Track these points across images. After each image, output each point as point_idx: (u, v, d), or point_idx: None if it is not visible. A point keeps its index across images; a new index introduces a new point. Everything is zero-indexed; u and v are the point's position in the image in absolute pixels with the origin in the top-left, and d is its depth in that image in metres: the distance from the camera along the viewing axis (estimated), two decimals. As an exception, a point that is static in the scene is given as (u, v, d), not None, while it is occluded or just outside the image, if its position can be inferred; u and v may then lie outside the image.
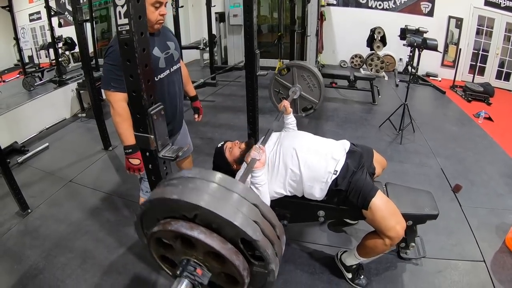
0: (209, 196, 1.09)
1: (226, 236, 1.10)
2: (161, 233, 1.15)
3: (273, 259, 1.13)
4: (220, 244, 1.07)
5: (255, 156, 1.85)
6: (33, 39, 5.83)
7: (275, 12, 8.68)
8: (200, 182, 1.14)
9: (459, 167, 3.82)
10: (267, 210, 1.17)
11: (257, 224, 1.09)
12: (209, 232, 1.08)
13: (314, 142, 2.19)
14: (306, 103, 3.57)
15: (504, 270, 2.40)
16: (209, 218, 1.08)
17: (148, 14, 1.85)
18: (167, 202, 1.12)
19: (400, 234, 1.92)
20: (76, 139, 4.75)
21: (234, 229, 1.06)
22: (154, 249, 1.26)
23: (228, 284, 1.19)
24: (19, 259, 2.56)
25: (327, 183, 2.01)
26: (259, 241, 1.07)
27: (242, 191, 1.14)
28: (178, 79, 2.25)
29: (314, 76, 3.44)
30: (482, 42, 7.52)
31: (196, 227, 1.08)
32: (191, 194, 1.09)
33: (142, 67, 1.19)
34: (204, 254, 1.12)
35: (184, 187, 1.12)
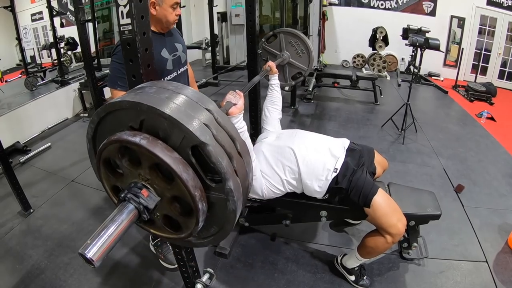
0: (154, 96, 0.97)
1: (174, 146, 0.96)
2: (107, 150, 1.01)
3: (231, 174, 0.95)
4: (164, 150, 0.92)
5: (231, 100, 1.69)
6: (35, 39, 5.83)
7: (277, 12, 8.68)
8: (149, 88, 1.03)
9: (461, 167, 3.81)
10: (225, 119, 1.02)
11: (208, 128, 0.95)
12: (152, 138, 0.94)
13: (314, 140, 2.19)
14: (295, 70, 3.47)
15: (506, 270, 2.39)
16: (154, 125, 0.96)
17: (168, 16, 1.88)
18: (112, 107, 1.02)
19: (401, 231, 1.92)
20: (78, 139, 4.75)
21: (180, 132, 0.92)
22: (105, 179, 1.12)
23: (182, 216, 1.04)
24: (21, 258, 2.56)
25: (326, 180, 2.00)
26: (208, 145, 0.91)
27: (192, 94, 1.01)
28: (185, 81, 2.26)
29: (302, 42, 3.33)
30: (485, 41, 7.49)
31: (139, 134, 0.94)
32: (135, 96, 0.98)
33: (145, 67, 1.19)
34: (151, 170, 0.98)
35: (130, 93, 1.03)
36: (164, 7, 1.84)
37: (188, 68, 2.30)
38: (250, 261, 2.49)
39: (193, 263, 1.82)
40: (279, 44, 3.41)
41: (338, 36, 8.94)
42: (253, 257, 2.53)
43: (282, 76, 3.45)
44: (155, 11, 1.84)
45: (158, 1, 1.82)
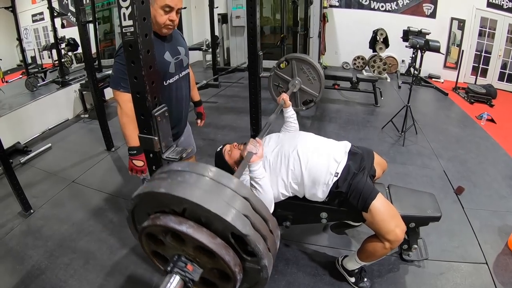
0: (197, 190, 1.05)
1: (216, 231, 1.06)
2: (151, 228, 1.12)
3: (266, 254, 1.08)
4: (209, 238, 1.03)
5: (252, 150, 1.82)
6: (36, 40, 5.84)
7: (278, 13, 8.69)
8: (189, 175, 1.10)
9: (461, 169, 3.82)
10: (258, 203, 1.12)
11: (247, 218, 1.05)
12: (197, 226, 1.04)
13: (316, 143, 2.19)
14: (306, 96, 3.51)
15: (506, 272, 2.39)
16: (197, 212, 1.05)
17: (157, 17, 1.86)
18: (156, 195, 1.09)
19: (400, 238, 1.91)
20: (79, 140, 4.77)
21: (223, 223, 1.02)
22: (145, 245, 1.23)
23: (220, 280, 1.16)
24: (21, 259, 2.57)
25: (328, 185, 2.01)
26: (249, 235, 1.03)
27: (231, 184, 1.10)
28: (186, 84, 2.26)
29: (313, 69, 3.37)
30: (485, 43, 7.50)
31: (184, 222, 1.04)
32: (178, 188, 1.06)
33: (147, 69, 1.20)
34: (194, 249, 1.09)
35: (172, 180, 1.10)
36: (155, 7, 1.82)
37: (189, 71, 2.31)
38: (250, 263, 2.48)
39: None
40: (291, 71, 3.44)
41: (339, 38, 8.95)
42: (253, 258, 2.52)
43: (293, 101, 3.49)
44: None
45: (150, 0, 1.81)
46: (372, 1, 8.33)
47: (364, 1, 8.38)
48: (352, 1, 8.49)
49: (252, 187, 1.84)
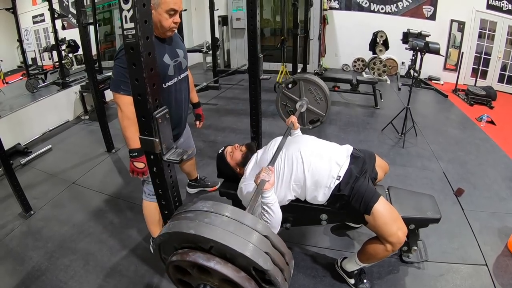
0: (222, 231, 1.19)
1: (240, 265, 1.20)
2: (180, 262, 1.26)
3: (283, 284, 1.23)
4: (235, 273, 1.18)
5: (265, 178, 1.82)
6: (37, 41, 5.85)
7: (278, 15, 8.70)
8: (214, 216, 1.24)
9: (461, 170, 3.82)
10: (277, 240, 1.26)
11: (268, 255, 1.19)
12: (224, 262, 1.19)
13: (318, 147, 2.19)
14: (313, 116, 3.56)
15: (506, 273, 2.39)
16: (223, 249, 1.18)
17: (162, 21, 1.87)
18: (185, 235, 1.23)
19: (402, 240, 1.92)
20: (79, 141, 4.77)
21: (246, 259, 1.15)
22: (172, 274, 1.37)
23: None
24: (21, 260, 2.57)
25: (330, 188, 2.01)
26: (270, 270, 1.17)
27: (252, 223, 1.25)
28: (185, 87, 2.27)
29: (320, 90, 3.43)
30: (485, 45, 7.50)
31: (212, 258, 1.19)
32: (206, 229, 1.19)
33: (148, 71, 1.20)
34: (220, 280, 1.23)
35: (199, 221, 1.23)
36: (159, 11, 1.84)
37: (188, 74, 2.32)
38: (250, 264, 2.49)
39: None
40: (299, 91, 3.47)
41: (339, 40, 8.95)
42: (253, 260, 2.52)
43: (300, 120, 3.54)
44: None
45: (155, 5, 1.82)
46: (372, 3, 8.35)
47: (364, 3, 8.39)
48: (352, 3, 8.51)
49: (263, 210, 1.86)
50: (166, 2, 1.83)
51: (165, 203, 1.59)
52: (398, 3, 8.13)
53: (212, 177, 3.34)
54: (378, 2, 8.30)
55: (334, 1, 8.64)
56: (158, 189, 1.55)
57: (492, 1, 7.14)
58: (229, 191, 2.39)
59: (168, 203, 1.58)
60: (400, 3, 8.11)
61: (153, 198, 2.17)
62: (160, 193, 1.56)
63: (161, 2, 1.82)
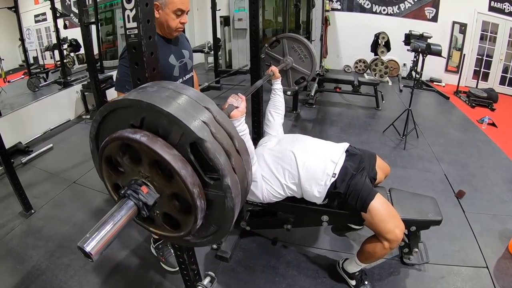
0: (154, 95, 0.99)
1: (173, 143, 0.97)
2: (109, 147, 1.03)
3: (228, 171, 0.97)
4: (163, 147, 0.94)
5: (233, 103, 1.69)
6: (38, 40, 5.86)
7: (280, 16, 8.70)
8: (150, 87, 1.05)
9: (462, 172, 3.81)
10: (223, 118, 1.03)
11: (206, 125, 0.96)
12: (153, 136, 0.95)
13: (313, 145, 2.20)
14: (299, 75, 3.47)
15: (507, 276, 2.39)
16: (154, 122, 0.98)
17: (169, 21, 1.86)
18: (114, 106, 1.04)
19: (399, 238, 1.92)
20: (81, 141, 4.76)
21: (179, 129, 0.94)
22: (107, 177, 1.14)
23: (181, 213, 1.05)
24: (22, 259, 2.57)
25: (325, 185, 2.01)
26: (206, 141, 0.93)
27: (193, 94, 1.03)
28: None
29: (305, 47, 3.31)
30: (486, 47, 7.51)
31: (139, 131, 0.96)
32: (136, 94, 1.00)
33: (150, 71, 1.20)
34: (150, 167, 0.99)
35: (132, 92, 1.06)
36: (166, 11, 1.83)
37: (193, 74, 2.31)
38: (251, 265, 2.49)
39: (194, 266, 1.82)
40: (282, 49, 3.41)
41: (340, 41, 8.96)
42: (254, 261, 2.53)
43: (285, 81, 3.44)
44: (158, 14, 1.84)
45: (162, 4, 1.81)
46: (374, 4, 8.36)
47: (366, 5, 8.40)
48: (354, 5, 8.52)
49: None
50: (173, 2, 1.82)
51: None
52: (400, 4, 8.14)
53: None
54: (380, 3, 8.31)
55: (336, 2, 8.65)
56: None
57: (494, 3, 7.14)
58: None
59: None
60: (402, 4, 8.12)
61: None
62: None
63: (168, 2, 1.81)
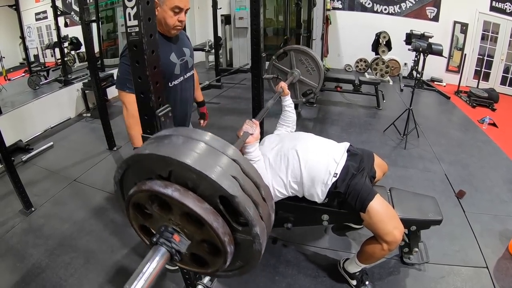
0: (182, 149, 1.00)
1: (203, 195, 1.00)
2: (137, 196, 1.06)
3: (257, 221, 1.01)
4: (195, 202, 0.97)
5: (248, 130, 1.79)
6: (39, 38, 5.85)
7: (281, 15, 8.70)
8: (176, 138, 1.06)
9: (463, 173, 3.81)
10: (249, 167, 1.05)
11: (236, 180, 0.98)
12: (184, 190, 0.98)
13: (316, 143, 2.19)
14: (306, 87, 3.47)
15: (507, 276, 2.39)
16: (183, 174, 0.99)
17: (167, 18, 1.85)
18: (141, 158, 1.06)
19: (398, 239, 1.91)
20: (81, 139, 4.77)
21: (209, 184, 0.96)
22: (133, 219, 1.16)
23: (210, 255, 1.08)
24: (22, 257, 2.57)
25: (327, 185, 2.01)
26: (237, 197, 0.95)
27: (219, 145, 1.04)
28: (191, 86, 2.26)
29: (312, 60, 3.33)
30: (487, 47, 7.49)
31: (170, 185, 0.98)
32: (164, 148, 1.01)
33: (151, 69, 1.19)
34: (181, 217, 1.02)
35: (158, 143, 1.06)
36: (164, 8, 1.82)
37: (194, 72, 2.31)
38: (250, 264, 2.48)
39: (194, 265, 1.82)
40: (290, 62, 3.42)
41: (341, 40, 8.95)
42: (254, 259, 2.52)
43: (293, 93, 3.45)
44: (156, 11, 1.83)
45: (160, 1, 1.81)
46: (375, 4, 8.34)
47: (367, 4, 8.38)
48: (355, 4, 8.50)
49: None
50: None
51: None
52: (401, 4, 8.12)
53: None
54: (381, 2, 8.29)
55: (337, 1, 8.64)
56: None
57: (495, 3, 7.12)
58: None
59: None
60: (403, 4, 8.10)
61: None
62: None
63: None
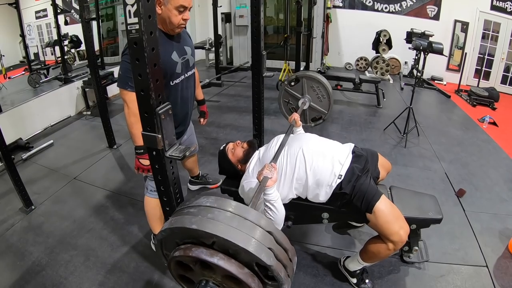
0: (225, 226, 1.17)
1: (243, 261, 1.18)
2: (182, 257, 1.24)
3: (286, 280, 1.20)
4: (238, 269, 1.16)
5: (267, 175, 1.82)
6: (39, 37, 5.85)
7: (281, 13, 8.69)
8: (218, 211, 1.22)
9: (463, 171, 3.81)
10: (280, 236, 1.24)
11: (271, 250, 1.17)
12: (227, 258, 1.17)
13: (320, 145, 2.19)
14: (315, 113, 3.55)
15: (506, 275, 2.39)
16: (226, 245, 1.16)
17: (171, 17, 1.86)
18: (187, 231, 1.21)
19: (404, 239, 1.91)
20: (81, 137, 4.77)
21: (249, 255, 1.13)
22: (173, 269, 1.35)
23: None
24: (22, 255, 2.57)
25: (331, 186, 2.01)
26: (273, 266, 1.14)
27: (255, 219, 1.22)
28: (192, 85, 2.26)
29: (323, 87, 3.41)
30: (488, 46, 7.48)
31: (215, 254, 1.17)
32: (208, 224, 1.17)
33: (151, 67, 1.19)
34: (223, 277, 1.21)
35: (202, 217, 1.21)
36: (168, 7, 1.83)
37: (195, 71, 2.31)
38: (250, 262, 2.48)
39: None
40: (301, 88, 3.47)
41: (342, 39, 8.94)
42: (254, 258, 2.52)
43: (302, 118, 3.51)
44: (160, 10, 1.84)
45: (164, 1, 1.81)
46: (375, 2, 8.33)
47: (368, 2, 8.37)
48: (356, 2, 8.49)
49: (266, 207, 1.85)
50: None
51: (167, 199, 1.59)
52: (402, 2, 8.11)
53: (214, 174, 3.34)
54: (381, 1, 8.28)
55: (338, -1, 8.63)
56: (160, 186, 1.54)
57: (496, 2, 7.11)
58: (230, 189, 2.38)
59: (170, 199, 1.58)
60: (404, 2, 8.09)
61: (155, 194, 2.16)
62: (162, 189, 1.55)
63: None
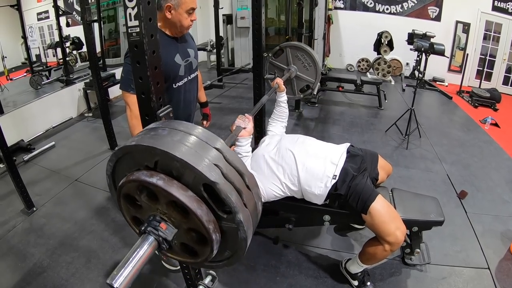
0: (166, 139, 1.05)
1: (187, 184, 1.04)
2: (126, 186, 1.11)
3: (240, 208, 1.05)
4: (179, 189, 1.02)
5: (240, 124, 1.81)
6: (41, 38, 5.87)
7: (283, 15, 8.69)
8: (161, 130, 1.11)
9: (464, 173, 3.80)
10: (233, 156, 1.09)
11: (218, 167, 1.03)
12: (168, 179, 1.03)
13: (313, 146, 2.19)
14: (303, 83, 3.49)
15: (508, 277, 2.38)
16: (168, 164, 1.04)
17: (182, 21, 1.89)
18: (128, 149, 1.11)
19: (400, 240, 1.91)
20: (82, 139, 4.78)
21: (192, 172, 1.00)
22: (125, 210, 1.21)
23: (198, 244, 1.13)
24: (23, 257, 2.57)
25: (326, 187, 2.01)
26: (218, 183, 0.99)
27: (202, 134, 1.09)
28: (194, 87, 2.26)
29: (308, 55, 3.33)
30: (490, 47, 7.47)
31: (155, 174, 1.04)
32: (149, 139, 1.06)
33: (152, 69, 1.19)
34: (167, 205, 1.07)
35: (145, 135, 1.11)
36: (179, 11, 1.85)
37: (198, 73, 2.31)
38: (252, 264, 2.49)
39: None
40: (286, 59, 3.42)
41: (343, 40, 8.94)
42: (255, 260, 2.52)
43: (290, 89, 3.46)
44: (170, 15, 1.85)
45: (174, 5, 1.82)
46: (377, 3, 8.33)
47: (369, 4, 8.37)
48: (357, 3, 8.49)
49: None
50: (186, 2, 1.85)
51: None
52: (403, 3, 8.11)
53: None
54: (383, 2, 8.28)
55: (339, 1, 8.63)
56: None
57: (497, 3, 7.11)
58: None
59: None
60: (405, 3, 8.09)
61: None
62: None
63: (181, 2, 1.84)
